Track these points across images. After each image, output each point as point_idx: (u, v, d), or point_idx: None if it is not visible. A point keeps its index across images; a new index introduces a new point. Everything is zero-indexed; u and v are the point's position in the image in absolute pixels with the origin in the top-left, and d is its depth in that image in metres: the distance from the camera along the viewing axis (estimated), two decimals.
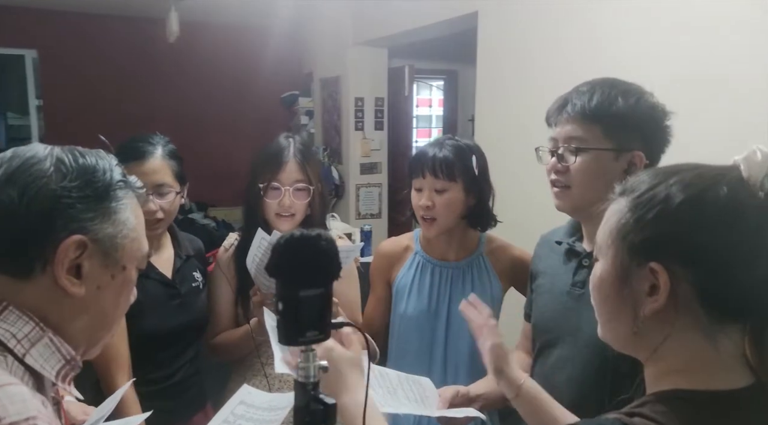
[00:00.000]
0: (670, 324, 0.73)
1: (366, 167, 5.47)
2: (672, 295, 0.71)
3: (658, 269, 0.72)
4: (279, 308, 0.72)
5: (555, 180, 1.28)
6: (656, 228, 0.73)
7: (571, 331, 1.25)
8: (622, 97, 1.20)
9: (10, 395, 0.67)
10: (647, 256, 0.73)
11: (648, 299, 0.73)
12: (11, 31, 5.58)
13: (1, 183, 0.76)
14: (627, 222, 0.75)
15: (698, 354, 0.72)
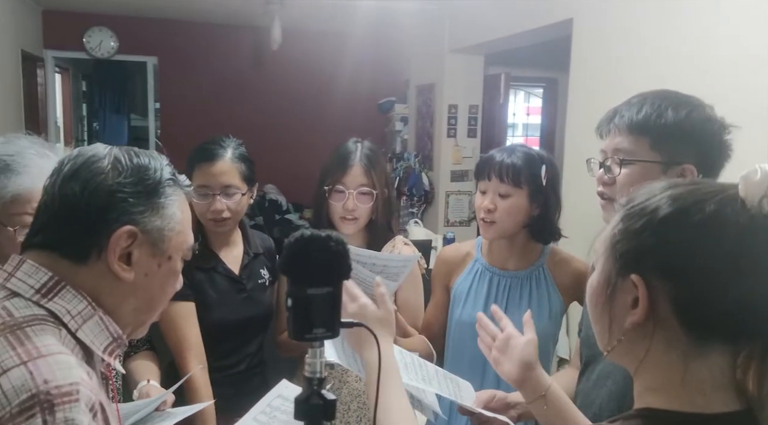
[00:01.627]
0: (649, 339, 0.71)
1: (457, 175, 5.45)
2: (651, 309, 0.70)
3: (637, 282, 0.70)
4: (288, 305, 0.76)
5: (601, 192, 1.26)
6: (639, 240, 0.72)
7: None
8: (673, 109, 1.15)
9: (59, 362, 0.75)
10: (629, 268, 0.72)
11: (630, 311, 0.72)
12: (136, 40, 6.10)
13: (66, 178, 0.86)
14: (617, 232, 0.74)
15: (673, 372, 0.70)
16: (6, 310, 0.80)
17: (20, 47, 5.17)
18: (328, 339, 0.77)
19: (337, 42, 5.90)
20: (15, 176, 1.23)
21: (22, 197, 1.23)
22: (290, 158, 6.02)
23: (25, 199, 1.23)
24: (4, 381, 0.71)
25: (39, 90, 5.78)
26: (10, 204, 1.23)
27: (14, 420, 0.69)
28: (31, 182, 1.24)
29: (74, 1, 5.59)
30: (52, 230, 0.86)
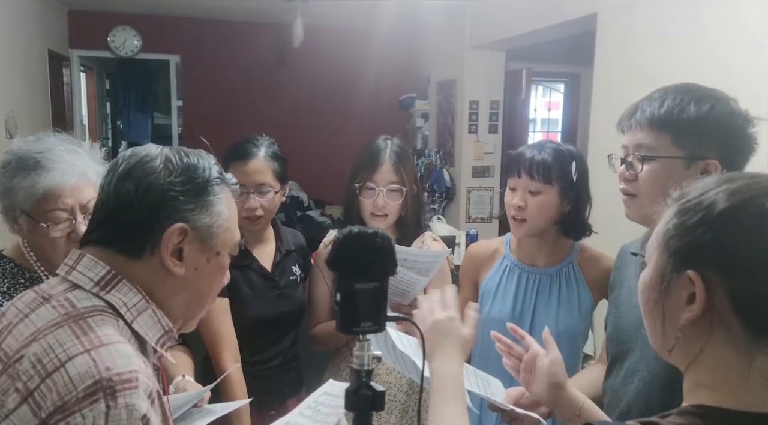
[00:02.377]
0: (706, 335, 0.71)
1: (478, 171, 5.45)
2: (708, 305, 0.70)
3: (695, 278, 0.70)
4: (337, 299, 0.79)
5: (623, 189, 1.25)
6: (696, 235, 0.71)
7: (641, 346, 1.21)
8: (695, 103, 1.14)
9: (119, 350, 0.79)
10: (686, 263, 0.71)
11: (686, 307, 0.71)
12: (159, 38, 6.17)
13: (121, 177, 0.90)
14: (671, 227, 0.74)
15: (729, 369, 0.70)
16: (69, 301, 0.84)
17: (47, 47, 5.27)
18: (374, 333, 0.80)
19: (358, 38, 5.92)
20: (45, 172, 1.26)
21: (53, 192, 1.26)
22: (311, 155, 6.05)
23: (55, 195, 1.26)
24: (70, 368, 0.75)
25: (65, 89, 5.89)
26: (42, 200, 1.26)
27: (80, 404, 0.73)
28: (61, 177, 1.27)
29: (99, 1, 5.67)
30: (108, 226, 0.90)
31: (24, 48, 4.68)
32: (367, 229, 0.80)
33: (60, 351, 0.77)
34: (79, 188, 1.30)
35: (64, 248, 1.27)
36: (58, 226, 1.27)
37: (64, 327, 0.80)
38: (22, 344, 0.80)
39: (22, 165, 1.27)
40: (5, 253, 1.38)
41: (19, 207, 1.28)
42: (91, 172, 1.33)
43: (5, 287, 1.31)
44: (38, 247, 1.34)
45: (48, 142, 1.31)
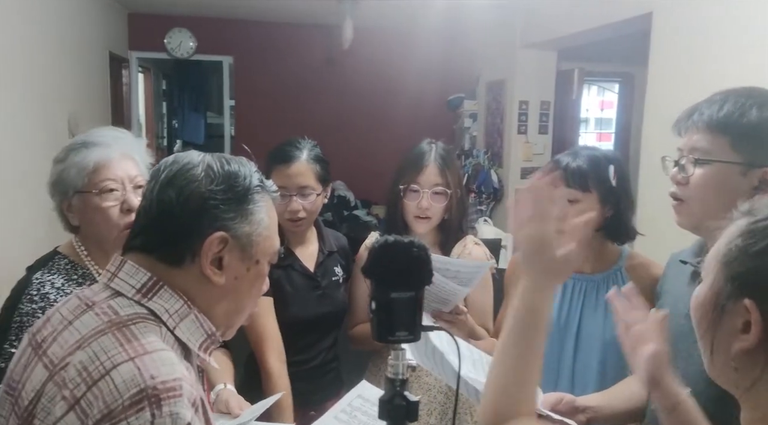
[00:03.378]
0: (760, 368, 0.66)
1: (527, 171, 5.37)
2: (765, 337, 0.65)
3: (751, 308, 0.65)
4: (372, 308, 0.79)
5: (674, 193, 1.21)
6: (759, 263, 0.66)
7: (684, 357, 1.17)
8: (758, 108, 1.09)
9: (163, 358, 0.79)
10: (743, 291, 0.67)
11: (739, 336, 0.67)
12: (214, 40, 6.32)
13: (163, 184, 0.90)
14: (733, 249, 0.69)
15: None
16: (112, 309, 0.85)
17: (108, 49, 5.47)
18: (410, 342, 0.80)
19: (407, 39, 5.92)
20: (93, 147, 1.36)
21: (102, 163, 1.35)
22: (359, 155, 6.09)
23: (105, 165, 1.36)
24: (115, 376, 0.76)
25: (124, 89, 6.10)
26: (93, 173, 1.35)
27: (126, 413, 0.74)
28: (108, 150, 1.37)
29: (157, 4, 5.85)
30: (150, 233, 0.90)
31: (87, 50, 4.87)
32: (403, 238, 0.80)
33: (105, 359, 0.78)
34: (125, 162, 1.39)
35: (115, 219, 1.36)
36: (110, 195, 1.36)
37: (108, 334, 0.81)
38: (68, 351, 0.81)
39: (72, 147, 1.38)
40: (60, 250, 1.44)
41: (72, 188, 1.36)
42: (135, 152, 1.43)
43: (60, 283, 1.37)
44: (91, 228, 1.40)
45: (94, 129, 1.44)
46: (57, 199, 1.40)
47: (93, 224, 1.39)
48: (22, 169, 3.53)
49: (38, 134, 3.80)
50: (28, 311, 1.32)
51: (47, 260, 1.41)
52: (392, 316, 0.78)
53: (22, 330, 1.31)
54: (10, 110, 3.43)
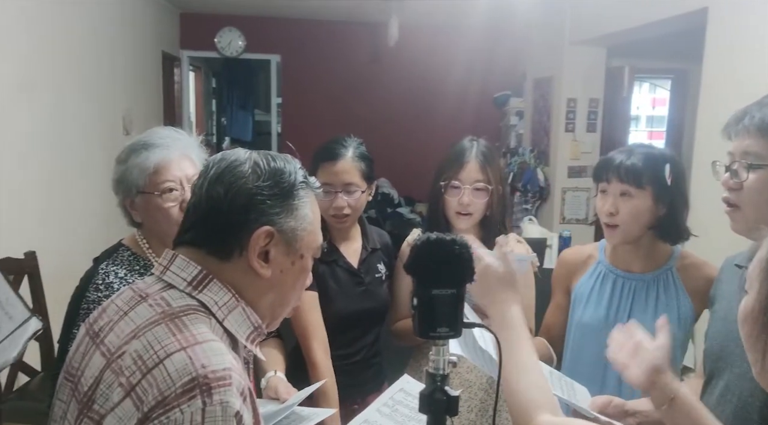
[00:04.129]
0: None
1: (574, 170, 5.29)
2: None
3: None
4: (414, 304, 0.80)
5: (726, 198, 1.18)
6: None
7: (738, 363, 1.14)
8: None
9: (213, 348, 0.83)
10: None
11: None
12: (262, 39, 6.44)
13: (212, 181, 0.93)
14: None
15: None
16: (164, 300, 0.89)
17: (161, 49, 5.64)
18: (451, 338, 0.81)
19: (452, 36, 5.90)
20: (153, 148, 1.43)
21: (162, 165, 1.42)
22: (403, 152, 6.11)
23: (164, 167, 1.42)
24: (168, 364, 0.80)
25: (175, 88, 6.27)
26: (154, 174, 1.42)
27: (179, 400, 0.77)
28: (167, 151, 1.43)
29: (208, 4, 5.99)
30: (199, 228, 0.93)
31: (141, 50, 5.04)
32: (446, 236, 0.81)
33: (159, 348, 0.81)
34: (183, 162, 1.46)
35: (176, 217, 1.42)
36: (170, 195, 1.42)
37: (162, 324, 0.84)
38: (124, 340, 0.85)
39: (134, 148, 1.45)
40: (124, 242, 1.53)
41: (135, 187, 1.43)
42: (191, 151, 1.50)
43: (123, 273, 1.45)
44: (153, 225, 1.47)
45: (152, 130, 1.50)
46: (120, 197, 1.48)
47: (155, 222, 1.47)
48: (82, 164, 3.69)
49: (96, 130, 3.95)
50: (94, 299, 1.40)
51: (112, 252, 1.50)
52: (433, 313, 0.79)
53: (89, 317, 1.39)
54: (72, 108, 3.58)
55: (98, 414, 0.82)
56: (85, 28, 3.79)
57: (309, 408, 1.46)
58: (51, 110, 3.32)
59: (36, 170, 3.16)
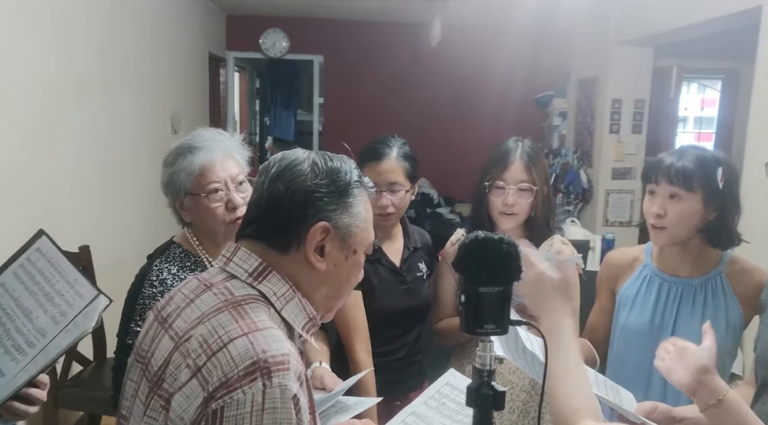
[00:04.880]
0: None
1: (618, 172, 5.20)
2: None
3: None
4: (461, 301, 0.82)
5: None
6: None
7: None
8: None
9: (272, 335, 0.87)
10: None
11: None
12: (305, 39, 6.52)
13: (273, 178, 0.99)
14: None
15: None
16: (227, 289, 0.95)
17: (208, 50, 5.77)
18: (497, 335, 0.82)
19: (495, 36, 5.87)
20: (198, 151, 1.49)
21: (206, 167, 1.49)
22: (444, 152, 6.10)
23: (209, 169, 1.49)
24: (231, 348, 0.85)
25: (221, 88, 6.41)
26: (200, 176, 1.49)
27: (241, 382, 0.82)
28: (211, 154, 1.50)
29: (253, 6, 6.11)
30: (260, 223, 0.99)
31: (189, 51, 5.17)
32: (494, 235, 0.82)
33: (222, 333, 0.87)
34: (226, 163, 1.52)
35: (222, 216, 1.50)
36: (216, 196, 1.50)
37: (225, 312, 0.90)
38: (190, 325, 0.91)
39: (179, 151, 1.52)
40: (175, 239, 1.60)
41: (183, 189, 1.50)
42: (234, 151, 1.56)
43: (175, 269, 1.52)
44: (202, 224, 1.54)
45: (195, 132, 1.57)
46: (170, 198, 1.55)
47: (203, 222, 1.54)
48: (132, 162, 3.81)
49: (146, 129, 4.08)
50: (149, 295, 1.48)
51: (164, 249, 1.57)
52: (480, 310, 0.81)
53: (145, 311, 1.47)
54: (125, 108, 3.71)
55: (167, 392, 0.88)
56: (137, 31, 3.92)
57: (354, 398, 1.50)
58: (105, 110, 3.44)
59: (91, 168, 3.28)
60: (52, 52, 2.85)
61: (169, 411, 0.86)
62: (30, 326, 1.19)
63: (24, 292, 1.23)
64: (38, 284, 1.23)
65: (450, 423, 1.19)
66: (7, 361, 1.17)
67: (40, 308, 1.20)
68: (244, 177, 1.55)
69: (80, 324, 1.15)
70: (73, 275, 1.21)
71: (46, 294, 1.21)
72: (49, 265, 1.24)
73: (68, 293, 1.20)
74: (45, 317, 1.18)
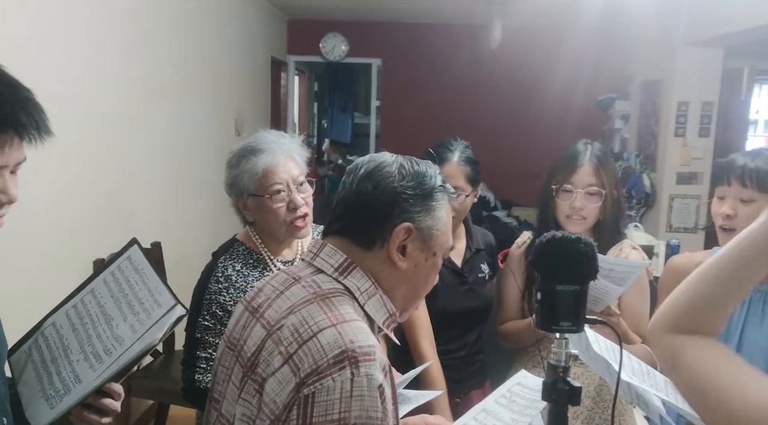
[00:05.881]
0: None
1: (684, 177, 5.04)
2: None
3: None
4: (537, 298, 0.84)
5: None
6: None
7: None
8: None
9: (359, 327, 0.92)
10: None
11: None
12: (364, 43, 6.61)
13: (362, 178, 1.04)
14: None
15: None
16: (315, 283, 1.00)
17: (270, 54, 5.92)
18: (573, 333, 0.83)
19: (556, 37, 5.80)
20: (261, 153, 1.56)
21: (269, 169, 1.55)
22: (501, 156, 6.05)
23: (272, 171, 1.55)
24: (321, 338, 0.90)
25: (282, 91, 6.56)
26: (263, 178, 1.55)
27: (330, 369, 0.87)
28: (273, 156, 1.56)
29: (314, 10, 6.23)
30: (347, 220, 1.04)
31: (252, 56, 5.32)
32: (570, 234, 0.84)
33: (312, 323, 0.92)
34: (288, 164, 1.58)
35: (284, 216, 1.56)
36: (278, 196, 1.56)
37: (314, 303, 0.95)
38: (282, 315, 0.97)
39: (243, 153, 1.59)
40: (238, 238, 1.67)
41: (246, 191, 1.57)
42: (295, 152, 1.62)
43: (239, 266, 1.59)
44: (265, 223, 1.60)
45: (258, 134, 1.63)
46: (233, 198, 1.63)
47: (266, 221, 1.60)
48: (199, 163, 3.96)
49: (212, 132, 4.23)
50: (215, 290, 1.55)
51: (228, 247, 1.65)
52: (556, 307, 0.83)
53: (212, 306, 1.54)
54: (194, 111, 3.86)
55: (261, 377, 0.93)
56: (206, 36, 4.07)
57: (415, 390, 1.53)
58: (177, 112, 3.59)
59: (163, 167, 3.43)
60: (129, 57, 3.00)
61: (262, 395, 0.91)
62: (109, 333, 1.17)
63: (110, 299, 1.22)
64: (123, 291, 1.22)
65: (520, 418, 1.20)
66: (85, 368, 1.15)
67: (120, 316, 1.19)
68: (304, 178, 1.61)
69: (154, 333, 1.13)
70: (154, 283, 1.20)
71: (129, 302, 1.20)
72: (135, 273, 1.24)
73: (147, 301, 1.19)
74: (124, 326, 1.17)
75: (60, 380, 1.15)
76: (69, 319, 1.23)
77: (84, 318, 1.22)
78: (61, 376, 1.15)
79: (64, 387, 1.14)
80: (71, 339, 1.20)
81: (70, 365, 1.16)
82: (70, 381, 1.14)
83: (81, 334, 1.20)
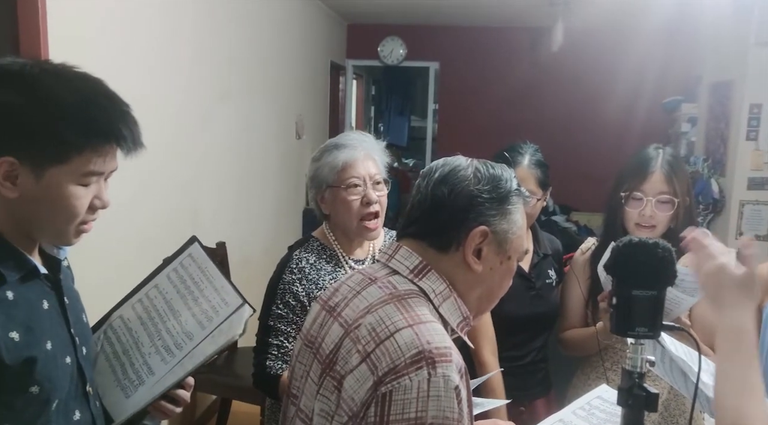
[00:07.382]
0: None
1: (756, 182, 4.83)
2: None
3: None
4: (612, 302, 0.83)
5: None
6: None
7: None
8: None
9: (435, 329, 0.93)
10: None
11: None
12: (422, 46, 6.63)
13: (437, 182, 1.05)
14: None
15: None
16: (391, 284, 1.02)
17: (330, 58, 6.01)
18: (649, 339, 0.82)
19: (620, 38, 5.66)
20: (342, 148, 1.63)
21: (349, 163, 1.62)
22: (561, 160, 5.88)
23: (351, 165, 1.62)
24: (398, 337, 0.92)
25: (340, 95, 6.65)
26: (341, 171, 1.62)
27: (408, 369, 0.88)
28: (354, 152, 1.63)
29: (373, 15, 6.29)
30: (422, 223, 1.05)
31: (312, 60, 5.42)
32: (648, 239, 0.83)
33: (389, 323, 0.93)
34: (367, 162, 1.64)
35: (356, 210, 1.62)
36: (354, 190, 1.62)
37: (391, 304, 0.97)
38: (359, 314, 0.99)
39: (326, 148, 1.67)
40: (314, 234, 1.74)
41: (325, 182, 1.64)
42: (375, 153, 1.68)
43: (313, 259, 1.66)
44: (338, 216, 1.66)
45: (343, 133, 1.74)
46: (313, 191, 1.70)
47: (338, 214, 1.65)
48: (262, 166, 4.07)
49: (275, 135, 4.33)
50: (289, 281, 1.62)
51: (303, 242, 1.72)
52: (632, 312, 0.82)
53: (285, 295, 1.61)
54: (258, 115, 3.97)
55: (339, 374, 0.96)
56: (270, 41, 4.17)
57: (477, 398, 1.53)
58: (243, 115, 3.70)
59: (227, 169, 3.54)
60: (197, 61, 3.11)
61: (341, 392, 0.94)
62: (179, 328, 1.22)
63: (175, 295, 1.26)
64: (188, 288, 1.26)
65: None
66: (157, 361, 1.20)
67: (188, 312, 1.23)
68: (381, 179, 1.64)
69: (225, 332, 1.18)
70: (220, 282, 1.24)
71: (195, 299, 1.24)
72: (199, 271, 1.27)
73: (215, 300, 1.23)
74: (193, 322, 1.22)
75: (134, 371, 1.21)
76: (136, 313, 1.28)
77: (151, 313, 1.27)
78: (134, 368, 1.21)
79: (138, 377, 1.20)
80: (141, 333, 1.25)
81: (142, 357, 1.22)
82: (143, 373, 1.20)
83: (150, 328, 1.25)
